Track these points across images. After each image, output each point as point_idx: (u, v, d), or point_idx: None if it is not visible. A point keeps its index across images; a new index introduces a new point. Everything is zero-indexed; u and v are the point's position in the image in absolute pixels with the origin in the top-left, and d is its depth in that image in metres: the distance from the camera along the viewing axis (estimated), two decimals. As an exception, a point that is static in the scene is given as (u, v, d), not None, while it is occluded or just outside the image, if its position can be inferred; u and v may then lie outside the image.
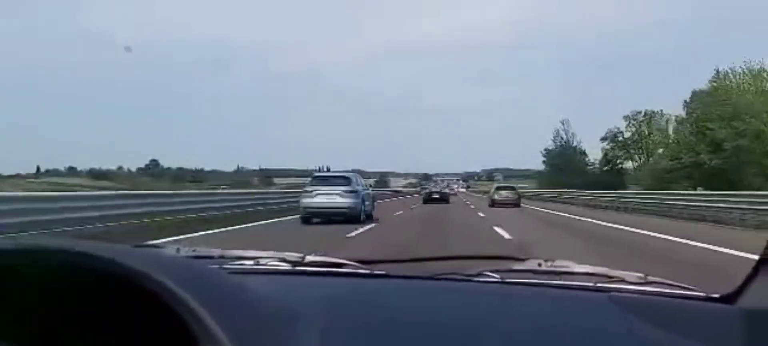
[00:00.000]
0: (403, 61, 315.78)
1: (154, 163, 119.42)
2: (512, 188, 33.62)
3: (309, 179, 17.27)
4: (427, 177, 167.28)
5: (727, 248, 8.92)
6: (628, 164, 55.18)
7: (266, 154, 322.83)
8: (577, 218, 19.92)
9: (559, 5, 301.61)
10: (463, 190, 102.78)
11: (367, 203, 16.53)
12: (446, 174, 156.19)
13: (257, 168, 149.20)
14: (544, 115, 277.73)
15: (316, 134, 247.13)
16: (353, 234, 11.99)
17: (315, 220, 15.21)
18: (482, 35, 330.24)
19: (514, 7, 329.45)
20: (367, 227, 14.19)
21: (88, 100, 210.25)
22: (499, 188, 33.95)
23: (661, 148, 45.99)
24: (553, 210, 25.95)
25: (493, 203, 30.37)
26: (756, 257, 0.88)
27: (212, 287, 0.60)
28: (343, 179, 15.99)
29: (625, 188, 39.10)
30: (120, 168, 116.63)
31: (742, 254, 7.55)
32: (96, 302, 0.64)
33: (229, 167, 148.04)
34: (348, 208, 15.13)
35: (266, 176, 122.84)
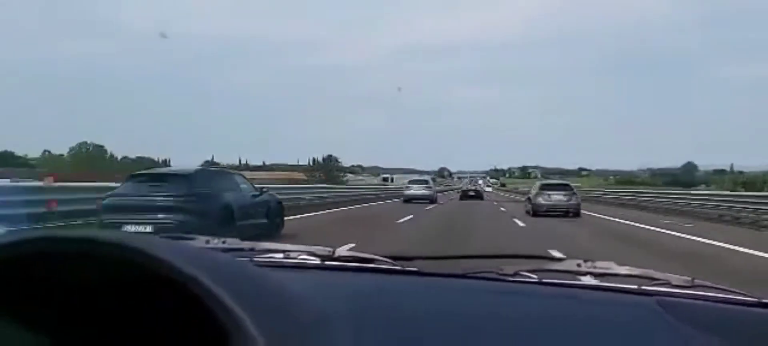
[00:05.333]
0: (426, 58, 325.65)
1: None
2: (566, 186, 21.95)
3: (407, 181, 34.69)
4: (447, 173, 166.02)
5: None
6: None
7: (265, 149, 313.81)
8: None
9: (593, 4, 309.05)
10: (489, 189, 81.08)
11: (436, 193, 32.59)
12: (470, 171, 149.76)
13: (238, 161, 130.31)
14: (582, 113, 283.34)
15: (319, 130, 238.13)
16: (430, 207, 25.44)
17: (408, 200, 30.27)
18: (510, 33, 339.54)
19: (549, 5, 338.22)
20: (435, 205, 28.37)
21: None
22: (545, 187, 21.71)
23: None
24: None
25: (536, 211, 20.06)
26: None
27: (246, 283, 0.59)
28: (425, 181, 33.80)
29: None
30: (46, 152, 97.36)
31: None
32: (119, 292, 0.65)
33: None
34: (429, 196, 30.73)
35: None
